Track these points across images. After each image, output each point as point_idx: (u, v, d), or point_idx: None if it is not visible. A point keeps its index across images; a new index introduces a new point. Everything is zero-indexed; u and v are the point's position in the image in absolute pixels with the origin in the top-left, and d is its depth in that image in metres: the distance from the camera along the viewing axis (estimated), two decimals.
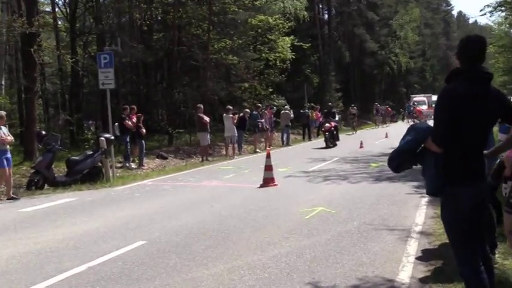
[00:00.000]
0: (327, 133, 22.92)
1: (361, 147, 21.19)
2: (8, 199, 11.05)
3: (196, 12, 25.18)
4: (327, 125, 23.18)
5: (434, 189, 3.67)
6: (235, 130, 19.67)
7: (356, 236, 6.79)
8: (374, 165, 15.08)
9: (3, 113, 11.77)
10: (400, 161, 3.87)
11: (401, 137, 3.95)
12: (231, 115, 19.71)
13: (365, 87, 55.57)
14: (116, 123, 16.24)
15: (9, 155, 11.28)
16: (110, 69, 14.25)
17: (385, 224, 7.48)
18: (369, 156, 17.66)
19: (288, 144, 24.85)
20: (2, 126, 11.28)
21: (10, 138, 11.37)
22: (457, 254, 3.69)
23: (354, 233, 6.99)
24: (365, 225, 7.37)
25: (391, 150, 4.07)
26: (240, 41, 26.55)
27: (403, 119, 49.89)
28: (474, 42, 3.56)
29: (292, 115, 25.43)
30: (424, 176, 3.77)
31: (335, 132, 23.59)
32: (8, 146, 11.23)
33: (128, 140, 16.35)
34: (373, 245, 6.33)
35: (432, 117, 3.70)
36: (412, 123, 46.33)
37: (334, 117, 25.21)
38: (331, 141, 22.80)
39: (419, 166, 3.86)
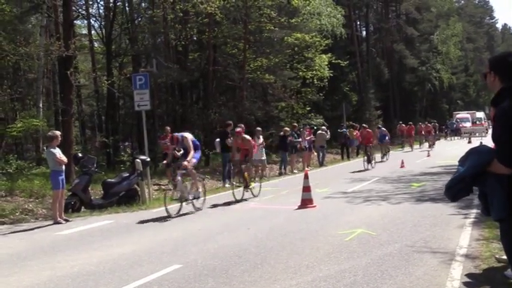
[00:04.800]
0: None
1: (402, 166, 20.72)
2: (54, 223, 10.87)
3: (231, 32, 25.38)
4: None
5: (506, 214, 3.46)
6: (264, 153, 19.31)
7: (397, 259, 6.54)
8: (415, 185, 14.69)
9: (58, 132, 11.74)
10: (459, 188, 3.69)
11: (458, 161, 3.75)
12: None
13: (405, 104, 54.68)
14: (218, 140, 16.31)
15: (63, 176, 11.23)
16: (146, 91, 14.39)
17: (428, 246, 7.20)
18: (410, 176, 17.22)
19: (323, 165, 24.47)
20: (56, 147, 11.26)
21: (64, 159, 11.29)
22: None
23: (395, 255, 6.74)
24: (406, 248, 7.11)
25: (433, 170, 3.89)
26: (277, 60, 26.55)
27: (445, 137, 48.79)
28: None
29: (328, 136, 25.05)
30: (490, 200, 3.56)
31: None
32: (63, 167, 11.24)
33: (229, 157, 16.22)
34: (415, 269, 6.08)
35: (476, 134, 3.53)
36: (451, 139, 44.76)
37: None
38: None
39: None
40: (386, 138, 26.13)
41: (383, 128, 27.74)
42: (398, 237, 7.81)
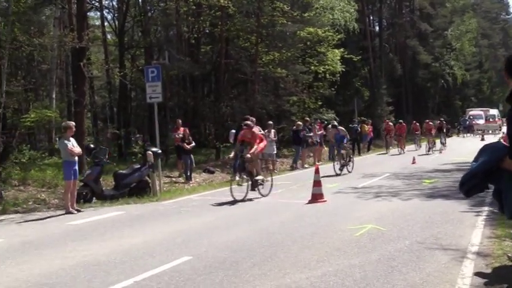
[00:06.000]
0: None
1: (413, 162, 20.62)
2: (66, 213, 10.94)
3: (244, 25, 25.32)
4: None
5: None
6: (275, 147, 19.36)
7: (408, 255, 6.52)
8: (427, 181, 14.61)
9: (72, 123, 11.81)
10: (473, 184, 3.67)
11: (473, 158, 3.73)
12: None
13: (418, 100, 54.31)
14: (233, 130, 16.36)
15: (76, 167, 11.28)
16: (158, 83, 14.42)
17: (439, 243, 7.16)
18: (422, 172, 17.13)
19: (333, 160, 24.34)
20: (71, 138, 11.30)
21: (78, 149, 11.34)
22: None
23: (405, 252, 6.72)
24: (417, 244, 7.08)
25: (445, 167, 3.89)
26: (289, 54, 26.46)
27: (458, 134, 48.43)
28: None
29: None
30: (504, 198, 3.54)
31: None
32: (76, 158, 11.29)
33: (241, 151, 16.27)
34: (425, 265, 6.06)
35: (489, 131, 3.52)
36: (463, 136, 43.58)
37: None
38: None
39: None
40: (345, 140, 19.50)
41: (340, 127, 20.58)
42: (408, 234, 7.78)
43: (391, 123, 30.15)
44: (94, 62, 21.82)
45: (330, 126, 21.29)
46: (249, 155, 11.99)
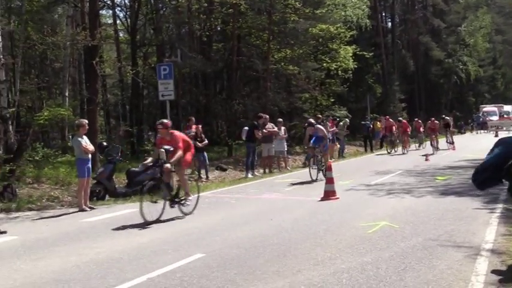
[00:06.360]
0: None
1: (426, 159, 20.49)
2: (80, 210, 11.00)
3: (256, 22, 25.31)
4: None
5: None
6: (285, 145, 19.33)
7: (421, 253, 6.50)
8: (440, 178, 14.52)
9: (85, 121, 11.84)
10: (486, 176, 3.64)
11: (488, 151, 3.69)
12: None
13: (431, 97, 53.97)
14: (246, 128, 16.40)
15: (89, 164, 11.34)
16: (170, 81, 14.48)
17: (452, 240, 7.13)
18: (434, 170, 17.02)
19: (342, 157, 24.26)
20: (84, 136, 11.34)
21: (91, 147, 11.40)
22: None
23: (418, 249, 6.69)
24: (430, 241, 7.05)
25: (458, 164, 3.86)
26: (301, 51, 26.42)
27: (472, 131, 48.04)
28: None
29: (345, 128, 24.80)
30: None
31: None
32: (89, 156, 11.34)
33: (253, 148, 16.39)
34: (439, 262, 6.04)
35: (503, 127, 3.47)
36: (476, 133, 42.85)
37: None
38: None
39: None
40: (324, 142, 15.90)
41: (319, 126, 16.25)
42: (421, 231, 7.75)
43: (391, 120, 27.72)
44: (106, 60, 21.94)
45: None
46: (168, 165, 9.43)
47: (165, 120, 10.36)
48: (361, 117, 30.83)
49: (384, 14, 49.69)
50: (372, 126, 28.50)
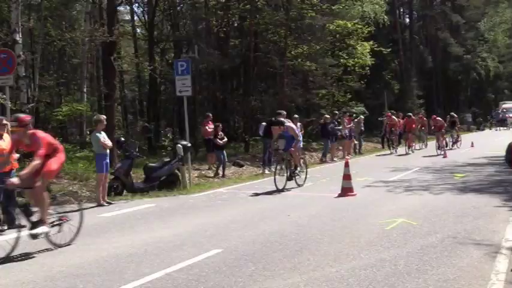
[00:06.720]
0: None
1: (444, 156, 20.31)
2: (98, 205, 11.05)
3: (273, 18, 25.25)
4: None
5: None
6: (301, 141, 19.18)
7: (439, 250, 6.45)
8: (458, 175, 14.37)
9: (103, 117, 11.91)
10: None
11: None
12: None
13: (449, 93, 53.39)
14: (263, 123, 16.39)
15: (108, 160, 11.41)
16: (187, 77, 14.47)
17: (471, 238, 7.06)
18: (453, 166, 16.86)
19: (360, 153, 24.17)
20: (102, 131, 11.40)
21: (109, 143, 11.46)
22: None
23: (437, 246, 6.64)
24: (449, 239, 6.99)
25: (477, 161, 3.82)
26: (318, 47, 26.32)
27: (490, 127, 47.46)
28: None
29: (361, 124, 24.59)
30: None
31: None
32: (108, 151, 11.40)
33: (270, 144, 16.40)
34: (458, 260, 5.99)
35: None
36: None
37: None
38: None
39: None
40: (295, 143, 13.42)
41: (289, 124, 13.64)
42: (440, 228, 7.69)
43: (394, 117, 24.92)
44: (124, 56, 22.09)
45: (355, 120, 17.39)
46: (14, 179, 6.80)
47: (21, 115, 7.42)
48: (379, 113, 30.60)
49: (401, 10, 49.26)
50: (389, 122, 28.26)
